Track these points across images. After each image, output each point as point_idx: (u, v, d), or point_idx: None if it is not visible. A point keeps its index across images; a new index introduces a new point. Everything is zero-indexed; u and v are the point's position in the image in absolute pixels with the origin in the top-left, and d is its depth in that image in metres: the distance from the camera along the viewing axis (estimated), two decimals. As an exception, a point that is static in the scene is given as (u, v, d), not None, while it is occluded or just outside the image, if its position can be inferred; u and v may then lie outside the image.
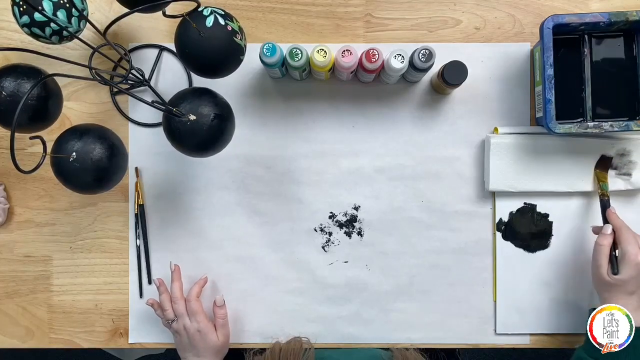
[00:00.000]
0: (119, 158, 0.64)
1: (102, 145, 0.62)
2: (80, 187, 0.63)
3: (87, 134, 0.62)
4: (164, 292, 0.79)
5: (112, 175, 0.63)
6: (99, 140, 0.62)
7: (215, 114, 0.62)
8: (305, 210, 0.82)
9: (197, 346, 0.77)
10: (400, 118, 0.82)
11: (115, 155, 0.63)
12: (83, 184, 0.62)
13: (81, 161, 0.60)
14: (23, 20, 0.64)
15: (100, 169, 0.61)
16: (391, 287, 0.83)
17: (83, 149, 0.60)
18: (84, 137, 0.61)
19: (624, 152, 0.78)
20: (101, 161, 0.61)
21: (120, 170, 0.65)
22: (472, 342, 0.83)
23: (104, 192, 0.65)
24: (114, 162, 0.63)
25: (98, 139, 0.62)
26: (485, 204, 0.82)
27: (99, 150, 0.61)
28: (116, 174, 0.64)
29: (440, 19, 0.82)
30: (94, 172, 0.61)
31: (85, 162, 0.60)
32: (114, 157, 0.62)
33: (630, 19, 0.71)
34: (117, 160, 0.63)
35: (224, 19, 0.60)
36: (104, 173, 0.62)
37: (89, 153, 0.60)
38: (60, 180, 0.62)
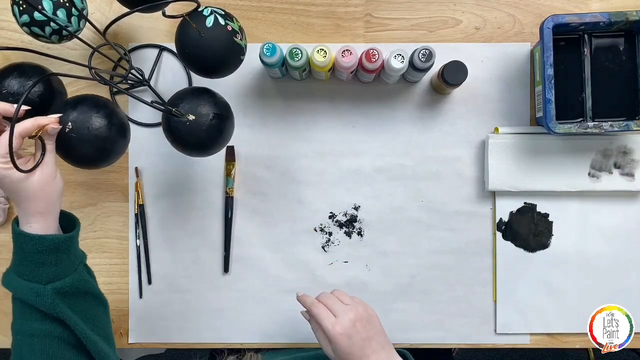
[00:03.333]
0: (119, 127, 0.60)
1: (99, 113, 0.58)
2: (80, 161, 0.60)
3: (82, 103, 0.58)
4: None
5: (113, 145, 0.60)
6: (95, 108, 0.58)
7: (214, 113, 0.62)
8: (305, 210, 0.82)
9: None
10: (400, 118, 0.82)
11: (115, 124, 0.59)
12: (83, 157, 0.59)
13: (78, 131, 0.57)
14: (23, 19, 0.64)
15: (100, 138, 0.58)
16: (391, 287, 0.83)
17: (79, 119, 0.57)
18: (80, 107, 0.58)
19: (625, 150, 0.78)
20: (100, 130, 0.58)
21: (121, 140, 0.61)
22: (472, 342, 0.83)
23: (107, 165, 0.62)
24: (114, 132, 0.59)
25: (94, 107, 0.58)
26: (485, 204, 0.82)
27: (97, 120, 0.57)
28: (117, 145, 0.61)
29: (440, 19, 0.82)
30: (94, 143, 0.58)
31: (83, 132, 0.57)
32: (113, 126, 0.59)
33: (630, 19, 0.71)
34: (118, 129, 0.60)
35: (224, 19, 0.60)
36: (104, 143, 0.59)
37: (85, 122, 0.57)
38: (60, 155, 0.59)
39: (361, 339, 0.62)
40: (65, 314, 0.57)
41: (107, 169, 0.83)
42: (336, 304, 0.65)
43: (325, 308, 0.65)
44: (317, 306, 0.65)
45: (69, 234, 0.59)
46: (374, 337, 0.64)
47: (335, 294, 0.68)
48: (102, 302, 0.65)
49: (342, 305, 0.65)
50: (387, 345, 0.65)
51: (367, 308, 0.66)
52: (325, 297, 0.67)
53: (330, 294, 0.68)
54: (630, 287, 0.81)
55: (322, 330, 0.65)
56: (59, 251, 0.57)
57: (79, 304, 0.60)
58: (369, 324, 0.64)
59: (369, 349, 0.62)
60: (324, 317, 0.64)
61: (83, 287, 0.60)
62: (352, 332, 0.62)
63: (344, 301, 0.66)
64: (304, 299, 0.68)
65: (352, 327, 0.62)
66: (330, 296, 0.68)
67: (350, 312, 0.64)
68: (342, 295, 0.68)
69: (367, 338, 0.63)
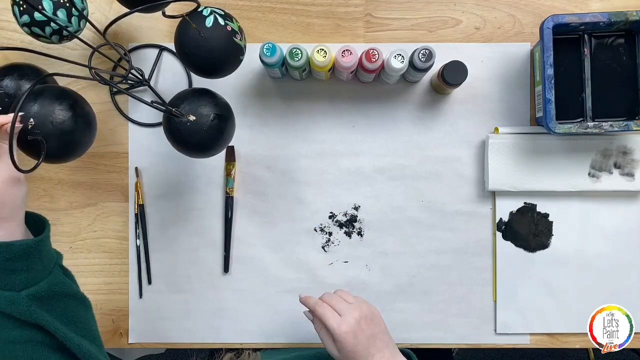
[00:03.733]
0: (85, 118, 0.57)
1: (62, 105, 0.55)
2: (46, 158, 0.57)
3: (43, 95, 0.55)
4: None
5: (80, 138, 0.57)
6: (57, 100, 0.55)
7: (215, 114, 0.62)
8: (305, 210, 0.82)
9: None
10: (400, 118, 0.82)
11: (79, 115, 0.56)
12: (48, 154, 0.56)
13: (41, 127, 0.54)
14: (23, 19, 0.64)
15: (66, 132, 0.55)
16: (391, 287, 0.83)
17: (41, 113, 0.54)
18: (40, 99, 0.55)
19: (625, 150, 0.78)
20: (65, 124, 0.55)
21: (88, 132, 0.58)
22: (472, 342, 0.83)
23: (74, 159, 0.60)
24: (80, 124, 0.57)
25: (56, 98, 0.55)
26: (486, 204, 0.82)
27: (60, 112, 0.54)
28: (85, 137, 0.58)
29: (440, 19, 0.82)
30: (60, 138, 0.55)
31: (47, 128, 0.54)
32: (79, 118, 0.56)
33: (630, 19, 0.71)
34: (84, 120, 0.57)
35: (224, 19, 0.60)
36: (70, 137, 0.56)
37: (48, 117, 0.54)
38: (25, 153, 0.57)
39: (366, 337, 0.63)
40: (44, 319, 0.55)
41: (107, 169, 0.83)
42: (340, 302, 0.65)
43: (329, 307, 0.65)
44: (322, 306, 0.65)
45: (38, 238, 0.56)
46: (378, 336, 0.64)
47: (339, 293, 0.68)
48: (82, 302, 0.62)
49: (347, 304, 0.65)
50: (390, 344, 0.65)
51: (370, 307, 0.66)
52: (329, 296, 0.68)
53: (334, 294, 0.68)
54: (630, 287, 0.81)
55: (326, 329, 0.65)
56: (29, 257, 0.55)
57: (57, 307, 0.58)
58: (373, 322, 0.65)
59: (373, 348, 0.63)
60: (329, 316, 0.64)
61: (60, 290, 0.58)
62: (357, 330, 0.62)
63: (348, 300, 0.66)
64: (307, 300, 0.68)
65: (357, 326, 0.62)
66: (334, 296, 0.68)
67: (354, 310, 0.64)
68: (345, 295, 0.68)
69: (372, 336, 0.63)
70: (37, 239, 0.56)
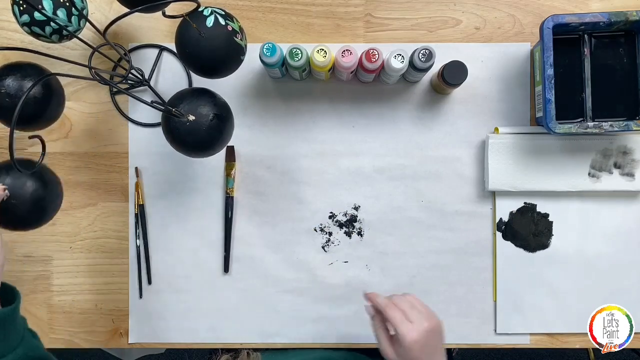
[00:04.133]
0: (53, 184, 0.61)
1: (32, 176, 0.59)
2: (18, 225, 0.61)
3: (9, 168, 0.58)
4: None
5: (51, 203, 0.61)
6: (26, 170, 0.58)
7: (214, 114, 0.62)
8: (305, 210, 0.82)
9: None
10: (400, 118, 0.82)
11: (47, 181, 0.60)
12: (22, 221, 0.61)
13: (17, 197, 0.58)
14: (23, 19, 0.64)
15: (39, 199, 0.60)
16: (391, 287, 0.82)
17: (14, 184, 0.58)
18: (10, 172, 0.58)
19: (625, 150, 0.78)
20: (38, 192, 0.59)
21: (57, 198, 0.62)
22: (472, 342, 0.83)
23: (45, 223, 0.64)
24: (50, 189, 0.60)
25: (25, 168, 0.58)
26: (486, 204, 0.82)
27: (30, 182, 0.58)
28: (55, 202, 0.62)
29: (440, 19, 0.82)
30: (32, 206, 0.59)
31: (22, 198, 0.58)
32: (47, 184, 0.60)
33: (630, 19, 0.71)
34: (52, 186, 0.61)
35: (224, 19, 0.60)
36: (42, 203, 0.60)
37: (22, 187, 0.58)
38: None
39: (430, 350, 0.62)
40: None
41: (107, 169, 0.83)
42: (412, 309, 0.64)
43: (400, 312, 0.64)
44: (393, 309, 0.64)
45: (12, 306, 0.56)
46: (440, 350, 0.64)
47: (409, 298, 0.66)
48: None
49: (418, 312, 0.64)
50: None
51: (439, 321, 0.65)
52: (401, 300, 0.66)
53: (405, 298, 0.67)
54: (630, 287, 0.81)
55: (386, 330, 0.64)
56: (6, 325, 0.55)
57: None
58: (439, 336, 0.64)
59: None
60: (400, 321, 0.62)
61: (34, 355, 0.58)
62: (425, 341, 0.61)
63: (419, 308, 0.65)
64: (376, 298, 0.67)
65: (426, 337, 0.62)
66: (405, 300, 0.66)
67: (426, 321, 0.63)
68: (416, 301, 0.66)
69: (435, 350, 0.63)
70: (12, 307, 0.56)
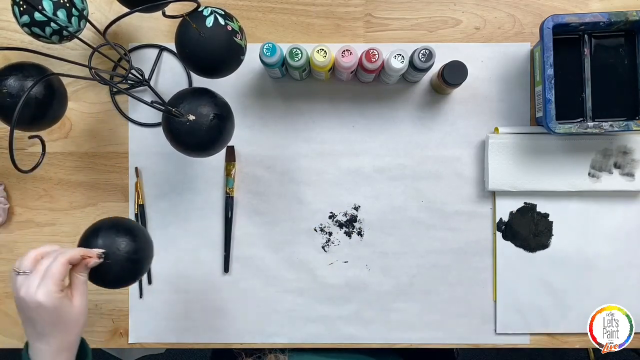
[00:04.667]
0: (144, 240, 0.63)
1: (125, 236, 0.61)
2: (113, 283, 0.62)
3: (103, 229, 0.60)
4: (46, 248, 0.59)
5: (144, 255, 0.62)
6: (118, 231, 0.61)
7: (214, 114, 0.62)
8: (305, 210, 0.82)
9: (35, 319, 0.56)
10: (400, 118, 0.82)
11: (140, 236, 0.62)
12: (117, 279, 0.62)
13: (111, 256, 0.59)
14: (23, 19, 0.64)
15: (130, 258, 0.60)
16: (391, 287, 0.82)
17: (107, 244, 0.59)
18: (102, 234, 0.60)
19: (625, 150, 0.78)
20: (129, 249, 0.60)
21: (149, 247, 0.64)
22: (472, 342, 0.83)
23: (142, 276, 0.65)
24: (140, 243, 0.62)
25: (117, 230, 0.61)
26: (486, 204, 0.82)
27: (123, 241, 0.60)
28: (148, 254, 0.63)
29: (440, 19, 0.82)
30: (124, 264, 0.60)
31: (115, 257, 0.59)
32: (138, 239, 0.61)
33: (630, 19, 0.71)
34: (143, 240, 0.62)
35: (224, 19, 0.60)
36: (135, 259, 0.61)
37: (114, 245, 0.59)
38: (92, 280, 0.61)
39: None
40: None
41: (107, 169, 0.83)
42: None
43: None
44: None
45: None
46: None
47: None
48: None
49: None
50: None
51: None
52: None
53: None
54: (630, 287, 0.81)
55: None
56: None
57: None
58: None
59: None
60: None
61: None
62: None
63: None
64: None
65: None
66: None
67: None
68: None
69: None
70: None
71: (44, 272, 0.55)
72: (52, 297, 0.54)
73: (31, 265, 0.56)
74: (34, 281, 0.55)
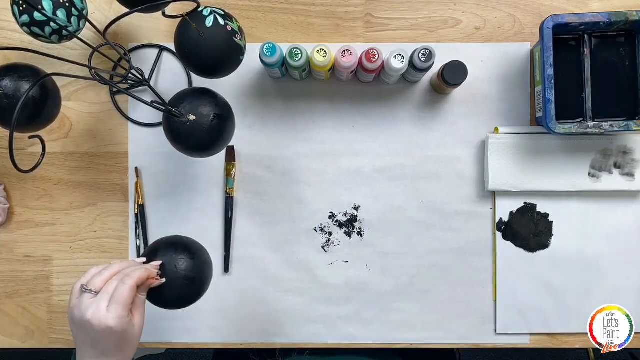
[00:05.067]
0: (204, 262, 0.64)
1: (184, 254, 0.62)
2: (172, 304, 0.63)
3: (166, 247, 0.63)
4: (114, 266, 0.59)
5: (202, 281, 0.63)
6: (178, 249, 0.62)
7: (215, 114, 0.62)
8: (305, 210, 0.82)
9: (100, 341, 0.55)
10: (400, 118, 0.82)
11: (199, 258, 0.63)
12: (176, 299, 0.62)
13: (168, 275, 0.60)
14: (23, 19, 0.64)
15: (188, 278, 0.61)
16: (391, 287, 0.83)
17: (166, 261, 0.61)
18: (162, 252, 0.62)
19: (625, 150, 0.78)
20: (187, 269, 0.61)
21: (208, 274, 0.65)
22: (472, 342, 0.83)
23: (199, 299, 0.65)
24: (198, 266, 0.63)
25: (177, 249, 0.63)
26: (486, 204, 0.82)
27: (182, 260, 0.61)
28: (206, 279, 0.65)
29: (440, 19, 0.82)
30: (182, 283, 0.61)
31: (172, 275, 0.60)
32: (196, 259, 0.63)
33: (630, 19, 0.71)
34: (202, 263, 0.64)
35: (224, 19, 0.60)
36: (192, 281, 0.62)
37: (172, 264, 0.61)
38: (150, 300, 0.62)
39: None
40: None
41: (107, 169, 0.83)
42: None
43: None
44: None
45: None
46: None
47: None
48: None
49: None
50: None
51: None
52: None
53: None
54: (630, 287, 0.81)
55: None
56: None
57: None
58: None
59: None
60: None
61: None
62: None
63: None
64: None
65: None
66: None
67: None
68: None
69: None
70: None
71: (112, 294, 0.55)
72: (122, 322, 0.54)
73: (101, 284, 0.56)
74: (102, 303, 0.54)
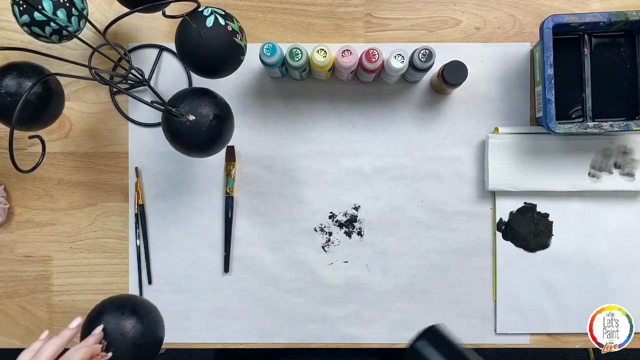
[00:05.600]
0: (154, 320, 0.63)
1: (129, 317, 0.60)
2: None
3: (105, 313, 0.60)
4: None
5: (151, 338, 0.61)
6: (121, 312, 0.60)
7: (214, 114, 0.62)
8: (305, 210, 0.82)
9: None
10: (400, 118, 0.82)
11: (144, 316, 0.61)
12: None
13: (116, 343, 0.58)
14: (23, 19, 0.64)
15: (136, 341, 0.59)
16: (391, 287, 0.83)
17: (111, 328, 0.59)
18: (104, 316, 0.60)
19: (625, 150, 0.78)
20: (136, 332, 0.59)
21: (161, 330, 0.64)
22: (472, 342, 0.83)
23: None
24: (147, 325, 0.61)
25: (120, 310, 0.60)
26: (486, 204, 0.82)
27: (128, 323, 0.59)
28: (158, 337, 0.63)
29: (440, 19, 0.82)
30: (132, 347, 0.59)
31: (120, 342, 0.58)
32: (144, 318, 0.61)
33: (630, 19, 0.71)
34: (151, 321, 0.62)
35: (224, 19, 0.60)
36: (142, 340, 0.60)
37: (119, 330, 0.59)
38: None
39: None
40: None
41: (107, 169, 0.83)
42: None
43: None
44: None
45: None
46: None
47: None
48: None
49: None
50: None
51: None
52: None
53: None
54: (630, 287, 0.81)
55: None
56: None
57: None
58: None
59: None
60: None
61: None
62: None
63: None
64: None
65: None
66: None
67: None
68: None
69: None
70: None
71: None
72: None
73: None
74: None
